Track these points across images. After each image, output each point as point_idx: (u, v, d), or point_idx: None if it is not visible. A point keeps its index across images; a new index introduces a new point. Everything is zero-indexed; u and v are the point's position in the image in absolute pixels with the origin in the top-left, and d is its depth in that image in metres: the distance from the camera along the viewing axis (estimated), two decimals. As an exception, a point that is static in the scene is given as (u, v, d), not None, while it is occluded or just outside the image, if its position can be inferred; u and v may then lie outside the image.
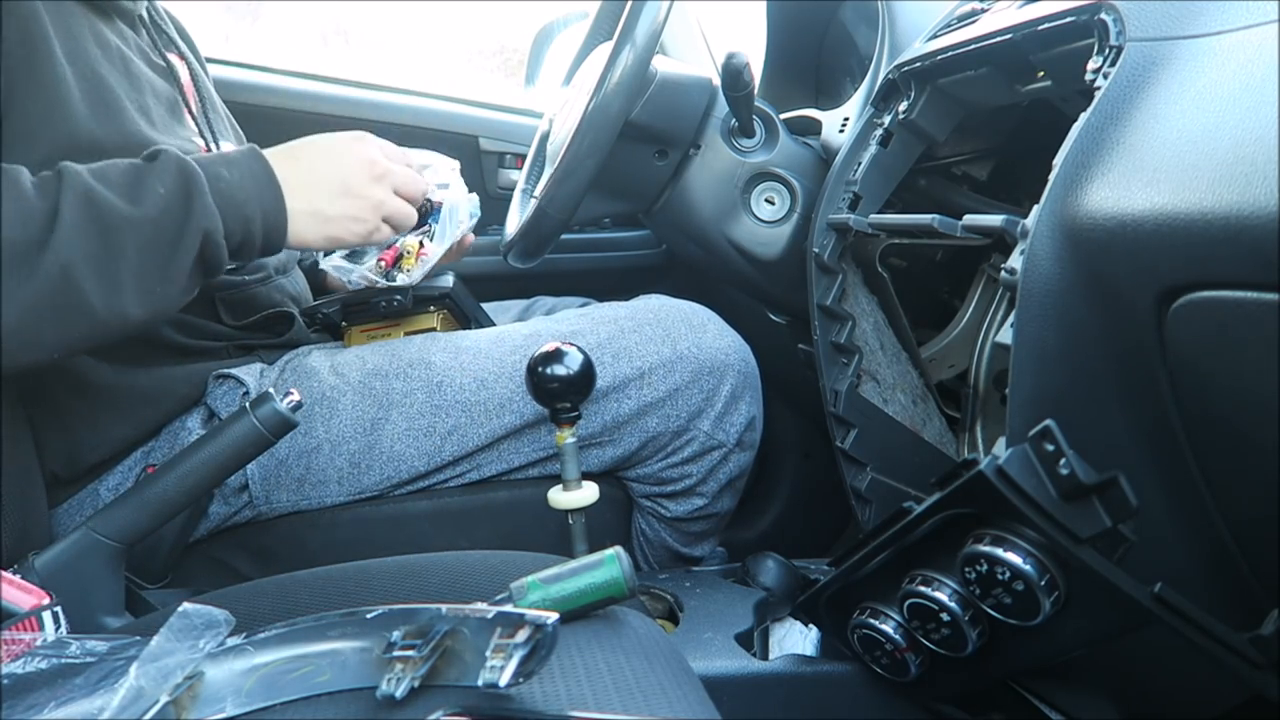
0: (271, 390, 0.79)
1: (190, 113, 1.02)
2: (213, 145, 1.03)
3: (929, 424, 1.05)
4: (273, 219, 0.83)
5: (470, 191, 1.10)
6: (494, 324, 1.15)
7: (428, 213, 1.04)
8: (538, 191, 1.11)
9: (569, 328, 1.04)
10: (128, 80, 0.91)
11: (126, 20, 0.97)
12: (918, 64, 0.95)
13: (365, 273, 1.05)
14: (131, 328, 0.77)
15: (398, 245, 1.05)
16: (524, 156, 1.38)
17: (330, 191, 0.86)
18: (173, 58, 1.03)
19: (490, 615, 0.54)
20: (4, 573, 0.67)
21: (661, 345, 1.02)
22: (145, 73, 0.95)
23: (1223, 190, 0.53)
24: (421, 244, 1.05)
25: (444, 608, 0.55)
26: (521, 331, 1.05)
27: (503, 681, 0.51)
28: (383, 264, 1.05)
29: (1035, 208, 0.67)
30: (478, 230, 1.65)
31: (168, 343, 0.96)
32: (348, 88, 1.71)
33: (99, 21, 0.91)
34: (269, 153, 0.86)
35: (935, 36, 0.97)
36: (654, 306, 1.08)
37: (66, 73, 0.84)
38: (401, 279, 1.04)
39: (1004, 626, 0.65)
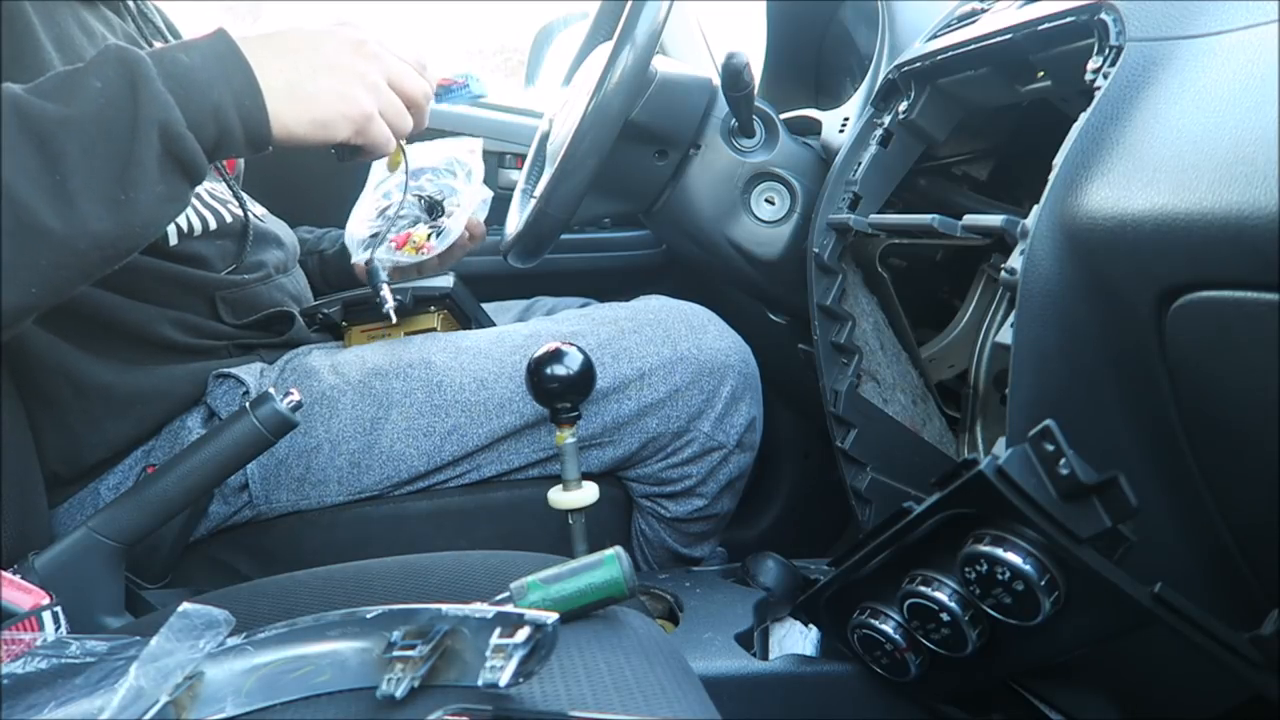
0: (271, 390, 0.79)
1: None
2: None
3: (929, 424, 1.05)
4: (246, 102, 0.71)
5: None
6: (494, 324, 1.15)
7: (436, 205, 1.07)
8: (538, 191, 1.11)
9: (569, 328, 1.04)
10: None
11: (112, 7, 0.97)
12: (918, 64, 0.95)
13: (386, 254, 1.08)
14: (108, 245, 0.68)
15: (410, 233, 1.07)
16: (524, 156, 1.37)
17: (311, 66, 0.74)
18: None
19: (490, 615, 0.54)
20: (4, 573, 0.67)
21: (662, 346, 1.02)
22: None
23: (1223, 190, 0.53)
24: (429, 236, 1.06)
25: (444, 608, 0.55)
26: (521, 332, 1.05)
27: (503, 681, 0.51)
28: (393, 245, 1.07)
29: (1035, 208, 0.67)
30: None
31: (168, 342, 0.96)
32: (348, 87, 1.70)
33: (83, 9, 0.91)
34: (240, 37, 0.74)
35: (935, 36, 0.97)
36: (654, 307, 1.08)
37: (54, 60, 0.83)
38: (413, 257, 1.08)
39: (1004, 626, 0.65)
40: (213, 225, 0.99)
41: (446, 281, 1.09)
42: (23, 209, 0.63)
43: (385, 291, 1.03)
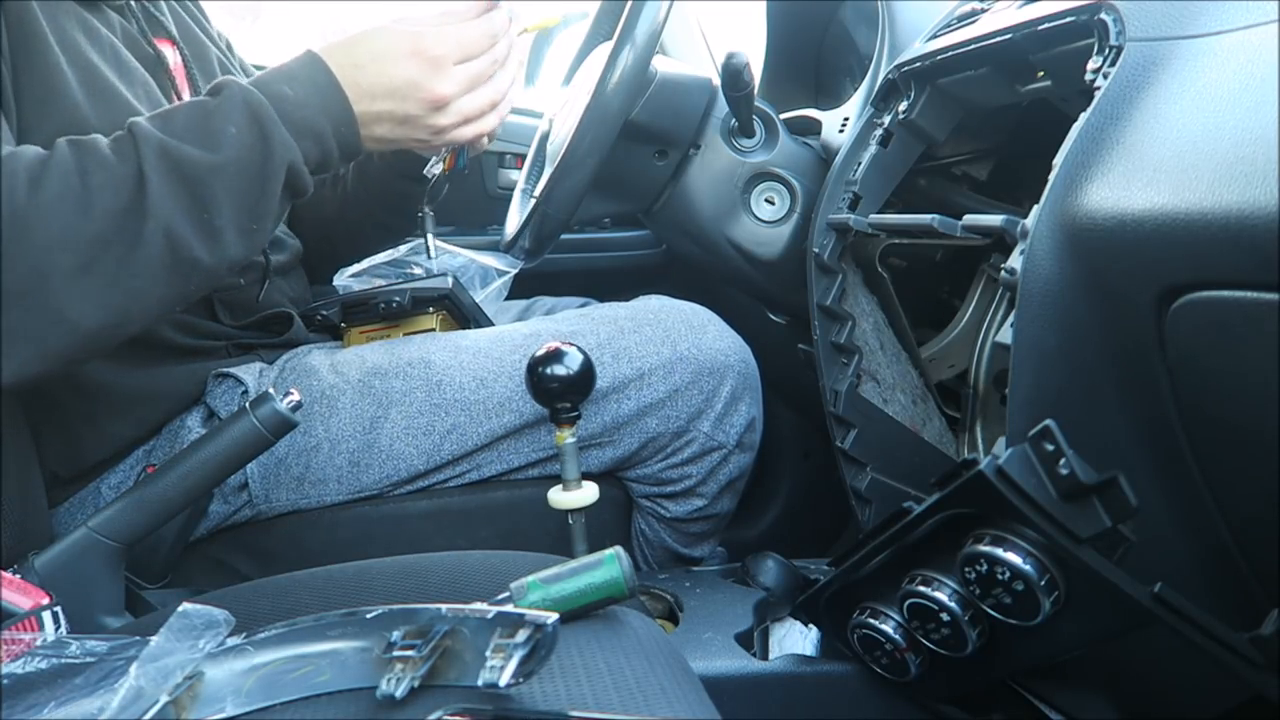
0: (271, 390, 0.79)
1: (179, 100, 1.02)
2: None
3: (929, 424, 1.05)
4: (344, 129, 0.81)
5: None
6: (494, 324, 1.15)
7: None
8: (538, 191, 1.11)
9: (569, 328, 1.04)
10: (118, 69, 0.92)
11: (114, 7, 0.98)
12: (918, 64, 0.95)
13: None
14: (238, 266, 0.80)
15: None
16: (524, 156, 1.38)
17: (391, 115, 0.83)
18: (164, 45, 1.03)
19: (490, 615, 0.54)
20: (4, 573, 0.67)
21: (661, 346, 1.02)
22: (132, 62, 0.96)
23: (1223, 190, 0.53)
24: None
25: (444, 608, 0.55)
26: (521, 331, 1.05)
27: (503, 681, 0.51)
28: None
29: (1035, 208, 0.67)
30: (478, 232, 1.68)
31: (167, 342, 0.96)
32: (348, 88, 1.70)
33: (84, 11, 0.92)
34: (325, 51, 0.82)
35: (935, 36, 0.97)
36: (654, 307, 1.08)
37: (61, 61, 0.85)
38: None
39: (1004, 626, 0.65)
40: None
41: (445, 282, 1.09)
42: (180, 245, 0.73)
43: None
